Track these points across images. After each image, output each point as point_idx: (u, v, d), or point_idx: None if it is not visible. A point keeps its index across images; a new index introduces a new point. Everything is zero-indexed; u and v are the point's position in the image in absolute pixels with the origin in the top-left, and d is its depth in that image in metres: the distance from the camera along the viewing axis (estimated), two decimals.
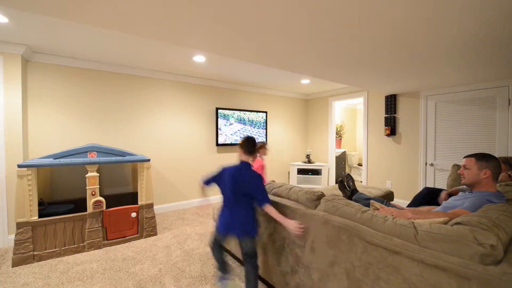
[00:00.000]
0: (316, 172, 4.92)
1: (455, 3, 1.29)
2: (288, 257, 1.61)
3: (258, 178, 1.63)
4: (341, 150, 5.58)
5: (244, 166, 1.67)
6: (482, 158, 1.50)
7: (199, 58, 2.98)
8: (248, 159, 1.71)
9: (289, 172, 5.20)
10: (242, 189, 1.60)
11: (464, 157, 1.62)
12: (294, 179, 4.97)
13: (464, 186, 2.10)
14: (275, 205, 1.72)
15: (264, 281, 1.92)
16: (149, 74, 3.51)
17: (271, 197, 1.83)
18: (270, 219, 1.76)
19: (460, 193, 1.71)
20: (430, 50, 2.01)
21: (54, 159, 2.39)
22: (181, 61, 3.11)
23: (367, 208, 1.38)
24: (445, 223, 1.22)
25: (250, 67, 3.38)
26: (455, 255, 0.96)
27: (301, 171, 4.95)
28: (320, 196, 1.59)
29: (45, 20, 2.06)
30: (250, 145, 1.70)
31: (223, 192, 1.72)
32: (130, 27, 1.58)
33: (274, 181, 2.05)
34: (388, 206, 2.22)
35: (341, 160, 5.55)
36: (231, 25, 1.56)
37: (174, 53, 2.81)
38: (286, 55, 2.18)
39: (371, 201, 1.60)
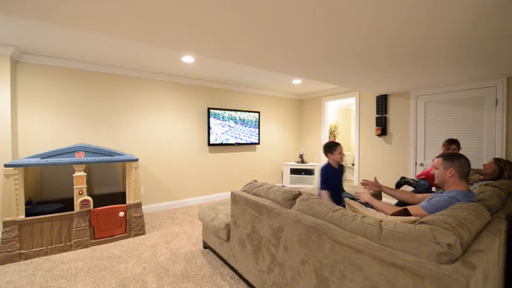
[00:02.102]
0: (309, 172, 4.93)
1: (442, 5, 1.30)
2: (265, 256, 1.62)
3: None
4: None
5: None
6: (447, 158, 1.54)
7: (188, 59, 3.00)
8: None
9: (282, 172, 5.21)
10: None
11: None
12: (287, 179, 4.98)
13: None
14: (254, 205, 1.74)
15: (244, 280, 1.93)
16: (140, 74, 3.53)
17: (251, 197, 1.84)
18: (250, 219, 1.77)
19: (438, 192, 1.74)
20: (419, 50, 2.01)
21: (41, 158, 2.41)
22: (170, 61, 3.13)
23: (339, 207, 1.39)
24: (413, 222, 1.23)
25: (240, 68, 3.40)
26: (414, 253, 0.97)
27: (294, 171, 4.96)
28: (296, 196, 1.60)
29: (34, 22, 2.08)
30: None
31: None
32: (107, 27, 1.60)
33: (256, 180, 2.06)
34: (368, 207, 2.24)
35: None
36: (220, 27, 1.58)
37: (162, 54, 2.83)
38: (275, 56, 2.19)
39: (345, 198, 1.60)
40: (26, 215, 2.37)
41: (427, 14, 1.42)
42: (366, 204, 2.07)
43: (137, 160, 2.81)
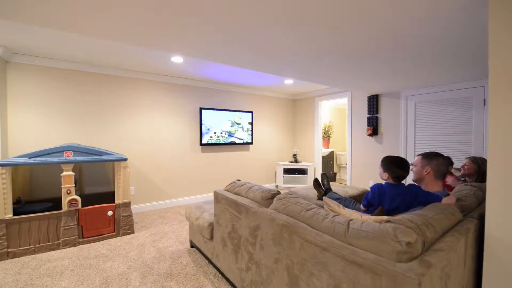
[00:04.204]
0: (302, 171, 4.94)
1: (427, 5, 1.32)
2: (243, 254, 1.64)
3: None
4: (329, 150, 5.60)
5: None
6: (426, 156, 1.56)
7: (177, 59, 3.02)
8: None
9: (275, 172, 5.23)
10: None
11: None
12: (280, 179, 5.00)
13: None
14: (234, 204, 1.76)
15: (226, 278, 1.95)
16: (131, 74, 3.55)
17: (232, 196, 1.86)
18: (230, 218, 1.79)
19: None
20: (405, 51, 2.02)
21: (29, 158, 2.43)
22: (160, 61, 3.15)
23: (314, 206, 1.40)
24: (386, 221, 1.25)
25: (231, 68, 3.41)
26: (376, 251, 0.98)
27: (287, 171, 4.98)
28: (274, 195, 1.62)
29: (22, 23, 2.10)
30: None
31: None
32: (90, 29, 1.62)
33: (239, 180, 2.08)
34: (355, 205, 2.26)
35: (329, 160, 5.57)
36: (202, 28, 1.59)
37: (152, 53, 2.85)
38: (264, 56, 2.20)
39: (324, 197, 1.62)
40: (15, 214, 2.39)
41: (412, 14, 1.43)
42: (354, 203, 2.12)
43: (126, 159, 2.83)
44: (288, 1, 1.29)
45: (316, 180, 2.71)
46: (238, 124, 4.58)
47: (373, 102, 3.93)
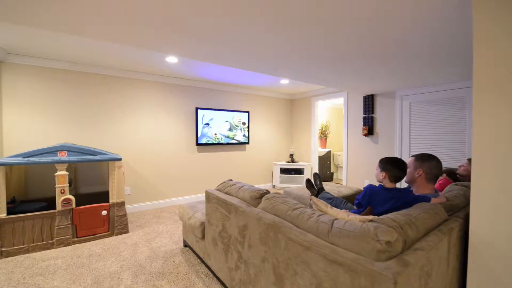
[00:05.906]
0: (299, 171, 4.95)
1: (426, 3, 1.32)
2: (233, 253, 1.65)
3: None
4: (326, 150, 5.61)
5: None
6: (418, 158, 1.56)
7: (171, 59, 3.03)
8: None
9: (272, 172, 5.24)
10: None
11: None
12: (277, 179, 5.00)
13: None
14: (224, 203, 1.76)
15: (217, 277, 1.96)
16: (126, 74, 3.56)
17: (223, 195, 1.87)
18: (221, 217, 1.80)
19: None
20: (401, 50, 2.02)
21: (23, 158, 2.45)
22: (154, 62, 3.16)
23: (301, 206, 1.41)
24: (370, 221, 1.25)
25: (227, 68, 3.42)
26: (357, 250, 0.99)
27: (284, 171, 4.99)
28: (263, 194, 1.63)
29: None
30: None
31: None
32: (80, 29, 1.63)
33: (231, 179, 2.09)
34: (346, 205, 2.27)
35: (326, 160, 5.58)
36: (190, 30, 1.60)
37: (146, 53, 2.85)
38: (258, 57, 2.21)
39: (312, 197, 1.63)
40: (9, 213, 2.40)
41: (404, 14, 1.43)
42: (345, 203, 2.13)
43: (120, 159, 2.84)
44: (277, 1, 1.30)
45: (308, 180, 2.72)
46: (237, 126, 4.59)
47: (369, 102, 3.93)
